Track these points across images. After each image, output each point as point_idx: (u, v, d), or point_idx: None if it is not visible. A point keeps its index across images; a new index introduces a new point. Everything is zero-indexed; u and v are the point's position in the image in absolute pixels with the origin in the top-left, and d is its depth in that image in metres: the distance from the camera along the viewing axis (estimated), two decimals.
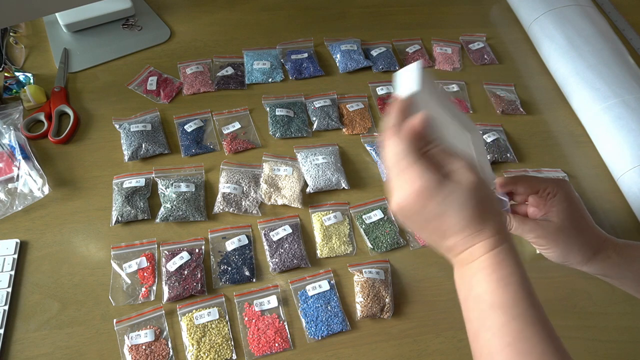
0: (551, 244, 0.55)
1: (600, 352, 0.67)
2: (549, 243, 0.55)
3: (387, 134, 0.45)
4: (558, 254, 0.56)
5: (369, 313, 0.66)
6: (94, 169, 0.77)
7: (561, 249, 0.55)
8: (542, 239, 0.55)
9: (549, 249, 0.56)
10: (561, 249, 0.55)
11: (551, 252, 0.56)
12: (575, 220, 0.55)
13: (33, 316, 0.63)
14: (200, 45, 0.95)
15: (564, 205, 0.55)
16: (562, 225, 0.55)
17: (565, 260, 0.56)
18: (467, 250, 0.44)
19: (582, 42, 0.93)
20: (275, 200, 0.75)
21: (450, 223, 0.43)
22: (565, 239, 0.55)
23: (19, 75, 0.83)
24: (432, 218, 0.43)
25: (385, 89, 0.92)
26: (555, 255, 0.56)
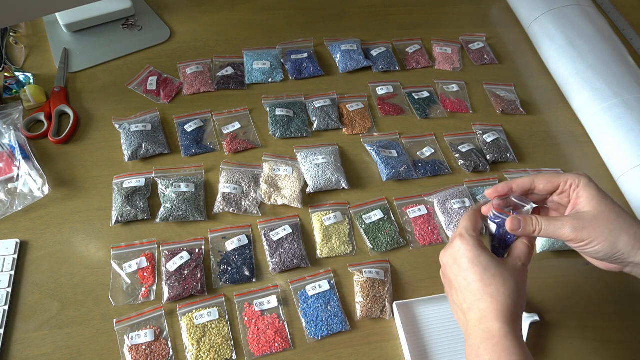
0: (593, 234, 0.47)
1: (600, 352, 0.67)
2: (590, 235, 0.48)
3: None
4: (605, 245, 0.47)
5: (369, 313, 0.66)
6: (94, 169, 0.77)
7: (606, 237, 0.47)
8: (581, 231, 0.48)
9: (592, 241, 0.48)
10: (606, 237, 0.47)
11: (596, 244, 0.48)
12: (610, 204, 0.49)
13: (33, 316, 0.63)
14: (200, 45, 0.95)
15: (592, 191, 0.49)
16: (598, 210, 0.48)
17: (615, 249, 0.47)
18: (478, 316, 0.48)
19: (582, 42, 0.93)
20: (275, 200, 0.75)
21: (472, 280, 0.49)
22: (607, 224, 0.47)
23: (19, 75, 0.83)
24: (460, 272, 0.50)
25: (385, 88, 0.92)
26: (602, 247, 0.48)
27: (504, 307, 0.47)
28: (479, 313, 0.47)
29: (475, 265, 0.49)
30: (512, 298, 0.47)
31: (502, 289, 0.47)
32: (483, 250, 0.50)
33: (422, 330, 0.66)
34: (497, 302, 0.47)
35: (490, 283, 0.48)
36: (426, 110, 0.90)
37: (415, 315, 0.67)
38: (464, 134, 0.88)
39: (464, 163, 0.83)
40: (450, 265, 0.52)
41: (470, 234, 0.51)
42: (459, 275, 0.50)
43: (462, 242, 0.50)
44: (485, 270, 0.48)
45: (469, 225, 0.52)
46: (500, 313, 0.47)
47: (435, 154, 0.85)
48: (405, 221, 0.76)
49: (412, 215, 0.77)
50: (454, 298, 0.52)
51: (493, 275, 0.48)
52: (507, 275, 0.48)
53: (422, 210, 0.77)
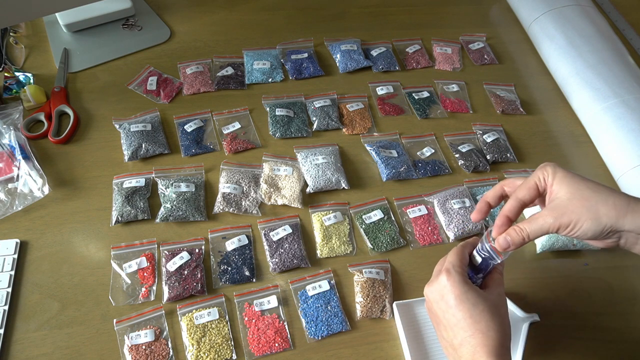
0: (573, 216, 0.46)
1: (600, 352, 0.67)
2: (571, 217, 0.47)
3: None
4: (588, 223, 0.46)
5: (369, 313, 0.66)
6: (94, 169, 0.77)
7: (587, 216, 0.46)
8: (561, 218, 0.47)
9: (576, 224, 0.47)
10: (587, 216, 0.46)
11: (580, 225, 0.47)
12: (582, 182, 0.48)
13: (33, 316, 0.63)
14: (200, 45, 0.95)
15: (560, 174, 0.49)
16: (571, 192, 0.48)
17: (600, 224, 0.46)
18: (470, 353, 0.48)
19: (582, 42, 0.93)
20: (275, 200, 0.75)
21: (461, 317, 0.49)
22: (583, 202, 0.47)
23: (19, 75, 0.83)
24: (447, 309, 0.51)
25: (385, 88, 0.92)
26: (587, 225, 0.46)
27: (495, 342, 0.48)
28: (471, 349, 0.48)
29: (464, 301, 0.50)
30: (501, 331, 0.49)
31: (491, 324, 0.49)
32: (469, 286, 0.51)
33: (422, 330, 0.66)
34: (487, 337, 0.48)
35: (480, 319, 0.49)
36: (426, 110, 0.90)
37: (415, 315, 0.67)
38: (464, 134, 0.88)
39: (464, 163, 0.83)
40: (437, 301, 0.52)
41: (457, 270, 0.51)
42: (446, 312, 0.51)
43: (448, 279, 0.51)
44: (474, 307, 0.49)
45: (456, 261, 0.53)
46: (492, 348, 0.48)
47: (435, 154, 0.85)
48: (405, 221, 0.76)
49: (412, 215, 0.77)
50: (442, 334, 0.53)
51: (481, 311, 0.49)
52: (494, 309, 0.50)
53: (422, 210, 0.77)
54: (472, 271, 0.55)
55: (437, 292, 0.52)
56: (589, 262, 0.74)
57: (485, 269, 0.54)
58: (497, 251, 0.51)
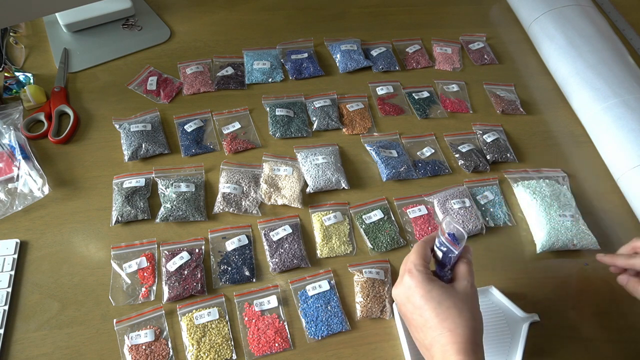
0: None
1: (600, 352, 0.67)
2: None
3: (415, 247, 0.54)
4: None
5: (369, 313, 0.66)
6: (94, 169, 0.77)
7: None
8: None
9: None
10: None
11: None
12: None
13: (33, 316, 0.63)
14: (200, 45, 0.95)
15: None
16: None
17: None
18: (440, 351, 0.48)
19: (582, 42, 0.93)
20: (275, 200, 0.75)
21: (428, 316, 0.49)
22: None
23: (19, 75, 0.83)
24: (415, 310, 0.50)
25: (385, 88, 0.92)
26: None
27: (463, 338, 0.47)
28: (441, 348, 0.48)
29: (429, 300, 0.49)
30: (469, 327, 0.48)
31: (459, 320, 0.48)
32: (434, 284, 0.50)
33: None
34: (456, 334, 0.48)
35: (446, 317, 0.48)
36: (426, 110, 0.90)
37: None
38: (464, 134, 0.88)
39: (464, 163, 0.83)
40: (405, 304, 0.52)
41: (419, 269, 0.51)
42: (414, 312, 0.51)
43: (411, 279, 0.51)
44: (439, 305, 0.49)
45: (417, 259, 0.52)
46: (461, 345, 0.47)
47: (435, 154, 0.85)
48: (405, 221, 0.76)
49: (412, 215, 0.77)
50: (415, 335, 0.52)
51: (448, 307, 0.49)
52: (461, 303, 0.49)
53: (422, 210, 0.77)
54: (439, 266, 0.54)
55: (403, 293, 0.52)
56: (589, 262, 0.74)
57: (449, 262, 0.53)
58: (453, 243, 0.50)
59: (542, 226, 0.75)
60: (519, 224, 0.78)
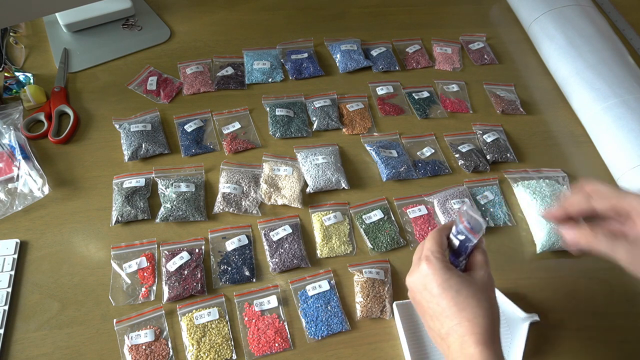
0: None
1: (600, 352, 0.67)
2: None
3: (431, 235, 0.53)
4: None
5: (369, 313, 0.66)
6: (94, 169, 0.77)
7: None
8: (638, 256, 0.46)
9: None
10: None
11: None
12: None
13: (33, 316, 0.63)
14: (200, 45, 0.95)
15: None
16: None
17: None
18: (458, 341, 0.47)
19: (582, 42, 0.93)
20: (275, 200, 0.75)
21: (446, 305, 0.48)
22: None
23: (19, 75, 0.83)
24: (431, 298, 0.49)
25: (385, 88, 0.92)
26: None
27: (482, 329, 0.46)
28: (459, 338, 0.47)
29: (447, 289, 0.48)
30: (488, 317, 0.47)
31: (478, 310, 0.47)
32: (452, 272, 0.49)
33: (422, 330, 0.66)
34: (474, 324, 0.47)
35: (465, 306, 0.47)
36: (426, 110, 0.90)
37: (415, 315, 0.67)
38: (464, 134, 0.88)
39: (464, 163, 0.83)
40: (420, 291, 0.51)
41: (437, 257, 0.50)
42: (430, 301, 0.49)
43: (429, 267, 0.49)
44: (458, 294, 0.48)
45: (434, 246, 0.51)
46: (479, 336, 0.46)
47: (435, 154, 0.85)
48: (405, 221, 0.76)
49: (412, 215, 0.77)
50: (429, 324, 0.51)
51: (466, 297, 0.48)
52: (480, 293, 0.48)
53: (422, 210, 0.77)
54: (453, 255, 0.53)
55: (419, 281, 0.50)
56: (589, 262, 0.74)
57: (465, 251, 0.52)
58: (472, 231, 0.49)
59: (542, 226, 0.75)
60: (519, 224, 0.78)
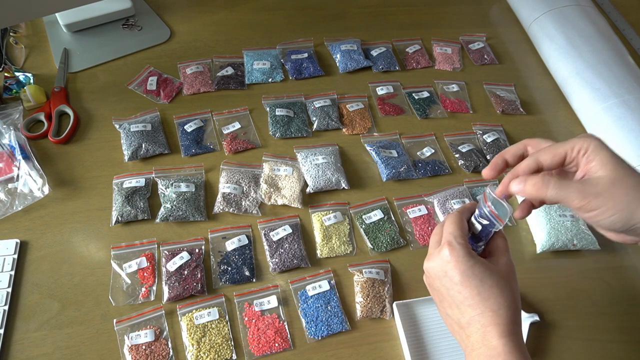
0: (609, 202, 0.42)
1: (600, 352, 0.67)
2: (606, 202, 0.42)
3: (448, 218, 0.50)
4: (621, 215, 0.42)
5: (369, 313, 0.66)
6: (94, 169, 0.77)
7: (624, 205, 0.41)
8: (595, 198, 0.42)
9: (608, 211, 0.42)
10: (624, 205, 0.41)
11: (610, 214, 0.42)
12: (626, 167, 0.43)
13: (33, 316, 0.63)
14: (200, 45, 0.95)
15: (605, 154, 0.43)
16: (615, 175, 0.42)
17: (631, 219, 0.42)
18: (480, 332, 0.45)
19: (582, 42, 0.93)
20: (275, 200, 0.75)
21: (469, 294, 0.46)
22: (625, 190, 0.41)
23: (19, 75, 0.83)
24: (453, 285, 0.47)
25: (385, 88, 0.92)
26: (617, 217, 0.42)
27: (506, 319, 0.45)
28: (481, 329, 0.45)
29: (470, 278, 0.46)
30: (512, 307, 0.45)
31: (501, 300, 0.45)
32: (475, 260, 0.47)
33: (422, 330, 0.66)
34: (498, 315, 0.45)
35: (489, 296, 0.45)
36: (426, 110, 0.90)
37: (415, 315, 0.67)
38: (464, 134, 0.88)
39: (464, 163, 0.83)
40: (440, 278, 0.48)
41: (459, 242, 0.47)
42: (451, 289, 0.47)
43: (452, 253, 0.47)
44: (481, 283, 0.46)
45: (456, 231, 0.48)
46: (503, 327, 0.45)
47: (435, 154, 0.85)
48: (405, 221, 0.76)
49: (412, 215, 0.77)
50: (447, 311, 0.49)
51: (490, 286, 0.46)
52: (503, 282, 0.46)
53: (422, 210, 0.77)
54: (472, 239, 0.50)
55: (440, 268, 0.48)
56: (589, 262, 0.74)
57: (486, 237, 0.50)
58: (498, 216, 0.47)
59: (542, 226, 0.75)
60: (519, 224, 0.78)
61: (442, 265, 0.47)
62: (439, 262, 0.48)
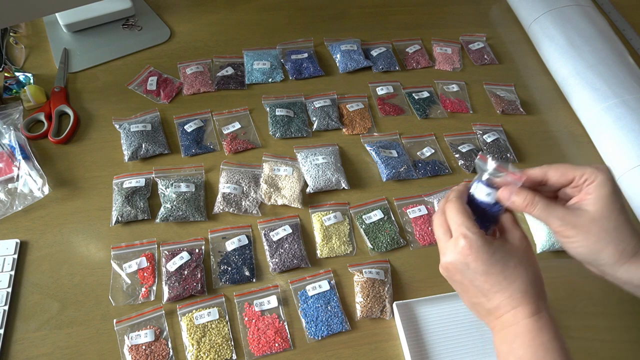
0: (581, 236, 0.46)
1: (600, 352, 0.67)
2: (579, 235, 0.46)
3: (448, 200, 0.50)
4: (588, 250, 0.46)
5: (369, 313, 0.66)
6: (94, 169, 0.77)
7: (593, 243, 0.45)
8: (572, 228, 0.46)
9: (577, 242, 0.46)
10: (593, 243, 0.45)
11: (579, 245, 0.46)
12: (615, 211, 0.46)
13: (33, 316, 0.63)
14: (200, 45, 0.95)
15: (604, 192, 0.46)
16: (598, 215, 0.45)
17: (595, 258, 0.46)
18: (510, 313, 0.46)
19: (582, 42, 0.93)
20: (275, 200, 0.75)
21: (495, 281, 0.46)
22: (600, 231, 0.45)
23: (19, 75, 0.83)
24: (477, 276, 0.47)
25: (385, 89, 0.92)
26: (584, 250, 0.46)
27: (533, 297, 0.45)
28: (512, 311, 0.46)
29: (494, 265, 0.46)
30: (537, 283, 0.46)
31: (527, 278, 0.46)
32: (493, 245, 0.46)
33: (422, 330, 0.66)
34: (526, 295, 0.45)
35: (515, 277, 0.46)
36: (426, 110, 0.90)
37: (415, 315, 0.67)
38: (464, 134, 0.88)
39: (464, 163, 0.83)
40: (462, 271, 0.47)
41: (474, 232, 0.47)
42: (475, 279, 0.47)
43: (470, 246, 0.46)
44: (505, 267, 0.46)
45: (467, 220, 0.47)
46: (532, 305, 0.45)
47: (435, 154, 0.85)
48: (405, 221, 0.76)
49: (412, 215, 0.77)
50: (473, 300, 0.49)
51: (515, 267, 0.46)
52: (525, 259, 0.46)
53: (422, 210, 0.77)
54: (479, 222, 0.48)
55: (460, 261, 0.47)
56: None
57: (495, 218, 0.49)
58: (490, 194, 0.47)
59: (542, 226, 0.75)
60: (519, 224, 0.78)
61: (462, 259, 0.47)
62: (458, 256, 0.47)
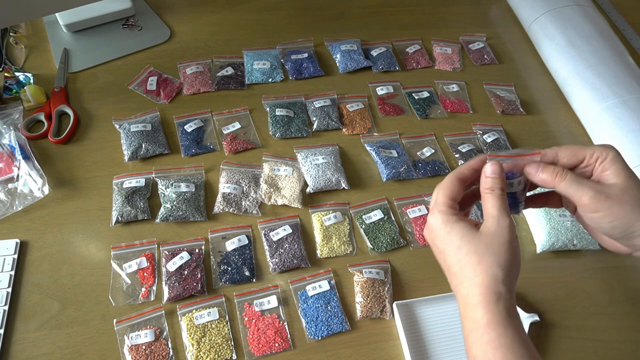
0: (616, 207, 0.44)
1: (600, 352, 0.67)
2: (613, 206, 0.44)
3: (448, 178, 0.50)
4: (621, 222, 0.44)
5: (369, 313, 0.66)
6: (94, 169, 0.77)
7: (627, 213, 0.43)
8: (605, 199, 0.44)
9: (611, 214, 0.44)
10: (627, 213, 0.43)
11: (613, 219, 0.44)
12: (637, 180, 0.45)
13: (33, 316, 0.63)
14: (200, 45, 0.95)
15: (620, 165, 0.45)
16: (626, 185, 0.44)
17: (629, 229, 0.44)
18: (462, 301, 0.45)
19: (582, 42, 0.93)
20: (275, 200, 0.75)
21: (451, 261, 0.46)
22: (632, 200, 0.44)
23: (19, 75, 0.83)
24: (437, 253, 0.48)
25: (385, 89, 0.92)
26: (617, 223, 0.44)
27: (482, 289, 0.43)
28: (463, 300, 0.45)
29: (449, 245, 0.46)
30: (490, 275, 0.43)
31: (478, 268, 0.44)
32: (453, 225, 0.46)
33: (422, 330, 0.66)
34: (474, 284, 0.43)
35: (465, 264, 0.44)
36: (426, 110, 0.90)
37: (415, 315, 0.67)
38: (464, 134, 0.88)
39: (463, 163, 0.83)
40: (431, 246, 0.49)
41: (440, 209, 0.47)
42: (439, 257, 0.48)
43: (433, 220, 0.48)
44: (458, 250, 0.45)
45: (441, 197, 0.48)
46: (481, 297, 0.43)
47: (435, 154, 0.85)
48: (405, 221, 0.76)
49: (412, 215, 0.77)
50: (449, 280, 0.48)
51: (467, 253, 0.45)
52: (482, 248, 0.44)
53: (422, 210, 0.77)
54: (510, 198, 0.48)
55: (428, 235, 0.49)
56: (589, 262, 0.74)
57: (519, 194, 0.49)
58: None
59: (542, 226, 0.75)
60: (519, 224, 0.78)
61: (428, 234, 0.49)
62: (426, 230, 0.50)
